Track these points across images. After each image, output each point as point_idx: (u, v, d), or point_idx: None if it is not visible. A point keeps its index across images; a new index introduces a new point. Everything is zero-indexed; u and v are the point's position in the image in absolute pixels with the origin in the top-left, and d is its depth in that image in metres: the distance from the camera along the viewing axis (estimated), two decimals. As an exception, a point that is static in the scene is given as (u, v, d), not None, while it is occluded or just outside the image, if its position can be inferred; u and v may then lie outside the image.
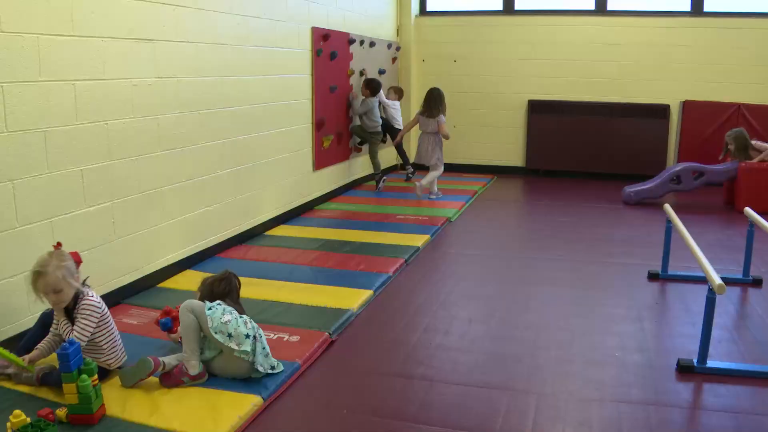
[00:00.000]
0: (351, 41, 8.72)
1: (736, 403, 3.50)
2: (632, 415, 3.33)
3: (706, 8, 10.51)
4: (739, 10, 10.47)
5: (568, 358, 4.01)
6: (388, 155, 10.45)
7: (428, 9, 11.20)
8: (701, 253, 4.12)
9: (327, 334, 4.23)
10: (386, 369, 3.86)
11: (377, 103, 9.09)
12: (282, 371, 3.66)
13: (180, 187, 5.38)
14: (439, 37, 11.02)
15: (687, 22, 10.49)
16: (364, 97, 8.90)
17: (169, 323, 4.04)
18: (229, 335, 3.53)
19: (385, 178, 9.32)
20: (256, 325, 3.72)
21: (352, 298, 4.85)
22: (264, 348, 3.64)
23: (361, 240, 6.50)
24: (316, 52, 7.67)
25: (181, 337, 3.62)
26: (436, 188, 8.75)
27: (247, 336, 3.57)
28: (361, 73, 9.27)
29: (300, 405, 3.46)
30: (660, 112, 10.55)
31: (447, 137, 8.67)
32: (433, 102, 8.69)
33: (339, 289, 5.08)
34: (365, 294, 4.97)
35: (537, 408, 3.39)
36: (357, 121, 9.04)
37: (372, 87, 8.87)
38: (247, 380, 3.56)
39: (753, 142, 8.70)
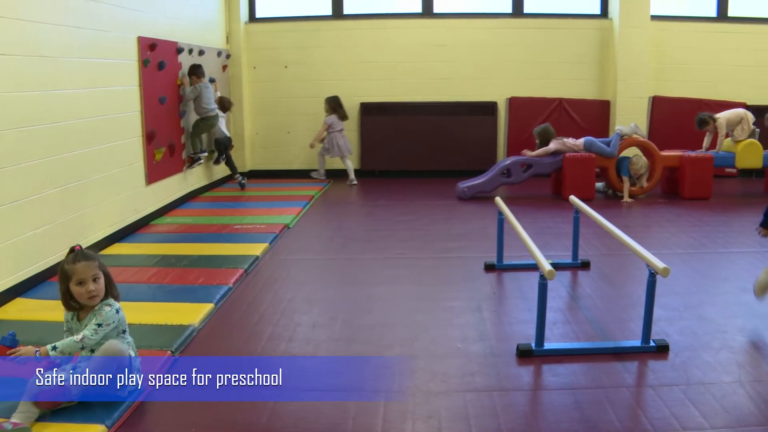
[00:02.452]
0: (179, 50, 8.50)
1: (574, 380, 3.69)
2: (478, 402, 3.42)
3: (526, 10, 11.03)
4: (557, 12, 11.07)
5: (412, 353, 4.07)
6: (222, 168, 10.24)
7: (258, 15, 11.09)
8: (531, 242, 4.30)
9: (169, 352, 4.10)
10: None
11: (209, 86, 8.96)
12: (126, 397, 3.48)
13: (2, 211, 5.05)
14: (269, 43, 10.94)
15: (509, 22, 10.97)
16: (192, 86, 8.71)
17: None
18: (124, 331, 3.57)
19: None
20: None
21: (192, 313, 4.72)
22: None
23: (199, 253, 6.35)
24: (143, 63, 7.42)
25: None
26: None
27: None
28: (211, 80, 9.19)
29: (148, 429, 3.32)
30: (488, 109, 10.95)
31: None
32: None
33: (179, 305, 4.92)
34: (206, 308, 4.85)
35: (386, 406, 3.41)
36: (192, 117, 8.86)
37: (197, 72, 8.70)
38: (90, 406, 3.36)
39: (565, 140, 9.15)
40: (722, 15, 11.49)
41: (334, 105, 10.38)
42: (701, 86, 11.24)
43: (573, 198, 5.82)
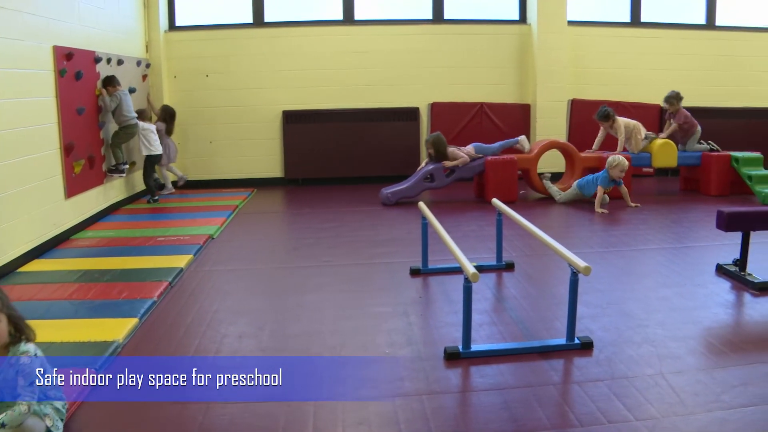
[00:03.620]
0: (97, 59, 8.30)
1: (502, 380, 3.74)
2: (408, 407, 3.43)
3: (447, 16, 11.17)
4: (477, 18, 11.23)
5: (341, 361, 4.04)
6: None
7: (178, 24, 10.91)
8: (455, 246, 4.34)
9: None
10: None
11: (128, 94, 8.80)
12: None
13: None
14: (190, 52, 10.77)
15: (430, 29, 11.09)
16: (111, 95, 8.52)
17: None
18: None
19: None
20: None
21: (117, 329, 4.61)
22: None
23: (122, 267, 6.21)
24: (60, 73, 7.22)
25: None
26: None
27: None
28: (131, 91, 9.04)
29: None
30: (410, 114, 11.03)
31: None
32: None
33: (102, 320, 4.80)
34: (130, 323, 4.74)
35: (315, 415, 3.40)
36: (111, 127, 8.67)
37: (112, 83, 8.49)
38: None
39: (457, 149, 9.27)
40: (635, 20, 11.85)
41: (167, 116, 10.17)
42: (618, 89, 11.55)
43: (495, 201, 5.91)
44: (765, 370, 3.89)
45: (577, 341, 4.18)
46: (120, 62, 9.05)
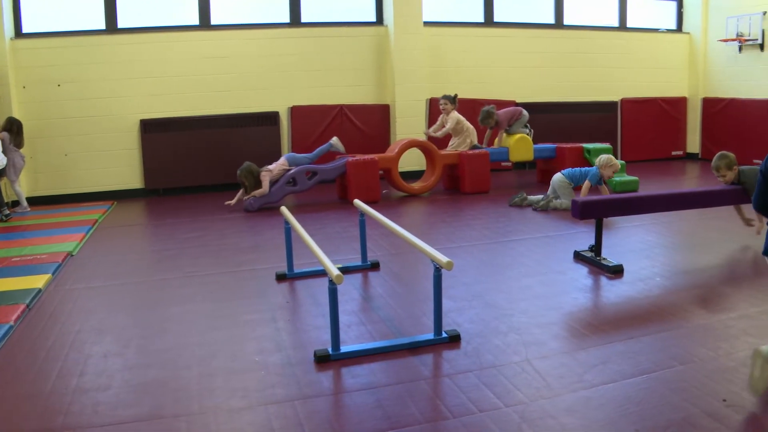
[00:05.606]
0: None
1: (373, 379, 3.74)
2: (281, 413, 3.38)
3: (304, 19, 11.16)
4: (334, 20, 11.30)
5: (210, 372, 3.96)
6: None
7: (25, 30, 10.31)
8: (318, 248, 4.32)
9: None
10: (23, 427, 3.47)
11: None
12: None
13: None
14: (39, 60, 10.20)
15: (288, 32, 11.06)
16: None
17: None
18: None
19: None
20: None
21: (-33, 357, 4.34)
22: None
23: (-28, 291, 5.85)
24: None
25: None
26: None
27: None
28: None
29: None
30: (270, 119, 10.96)
31: None
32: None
33: (-49, 350, 4.51)
34: (-17, 350, 4.48)
35: (188, 430, 3.29)
36: None
37: None
38: None
39: (269, 167, 9.26)
40: (489, 20, 12.23)
41: (12, 127, 9.55)
42: (475, 87, 11.89)
43: (357, 201, 5.93)
44: (621, 348, 4.07)
45: (444, 335, 4.24)
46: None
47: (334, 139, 9.74)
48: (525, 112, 10.38)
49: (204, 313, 5.03)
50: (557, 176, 8.54)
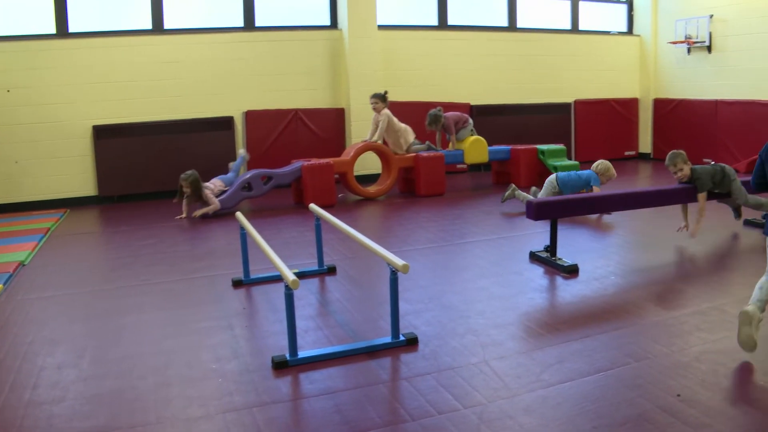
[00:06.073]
0: None
1: (332, 384, 3.73)
2: (239, 421, 3.35)
3: (258, 23, 11.11)
4: (288, 24, 11.25)
5: (166, 381, 3.91)
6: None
7: (-30, 35, 10.06)
8: (274, 254, 4.30)
9: None
10: (-31, 442, 3.42)
11: None
12: None
13: None
14: (-14, 65, 9.98)
15: (241, 36, 10.99)
16: None
17: None
18: None
19: None
20: None
21: None
22: None
23: None
24: None
25: None
26: None
27: None
28: None
29: None
30: (224, 124, 10.89)
31: None
32: None
33: None
34: (-70, 364, 4.37)
35: (142, 440, 3.25)
36: None
37: None
38: None
39: (208, 185, 9.18)
40: (443, 24, 12.30)
41: None
42: (429, 90, 11.94)
43: (313, 206, 5.91)
44: (577, 346, 4.11)
45: (402, 338, 4.24)
46: None
47: (241, 151, 10.13)
48: (470, 120, 10.47)
49: (159, 322, 4.97)
50: (551, 178, 8.60)
